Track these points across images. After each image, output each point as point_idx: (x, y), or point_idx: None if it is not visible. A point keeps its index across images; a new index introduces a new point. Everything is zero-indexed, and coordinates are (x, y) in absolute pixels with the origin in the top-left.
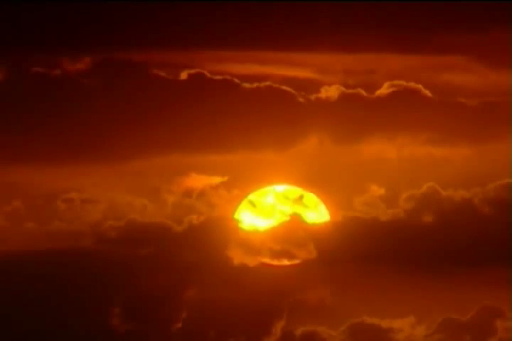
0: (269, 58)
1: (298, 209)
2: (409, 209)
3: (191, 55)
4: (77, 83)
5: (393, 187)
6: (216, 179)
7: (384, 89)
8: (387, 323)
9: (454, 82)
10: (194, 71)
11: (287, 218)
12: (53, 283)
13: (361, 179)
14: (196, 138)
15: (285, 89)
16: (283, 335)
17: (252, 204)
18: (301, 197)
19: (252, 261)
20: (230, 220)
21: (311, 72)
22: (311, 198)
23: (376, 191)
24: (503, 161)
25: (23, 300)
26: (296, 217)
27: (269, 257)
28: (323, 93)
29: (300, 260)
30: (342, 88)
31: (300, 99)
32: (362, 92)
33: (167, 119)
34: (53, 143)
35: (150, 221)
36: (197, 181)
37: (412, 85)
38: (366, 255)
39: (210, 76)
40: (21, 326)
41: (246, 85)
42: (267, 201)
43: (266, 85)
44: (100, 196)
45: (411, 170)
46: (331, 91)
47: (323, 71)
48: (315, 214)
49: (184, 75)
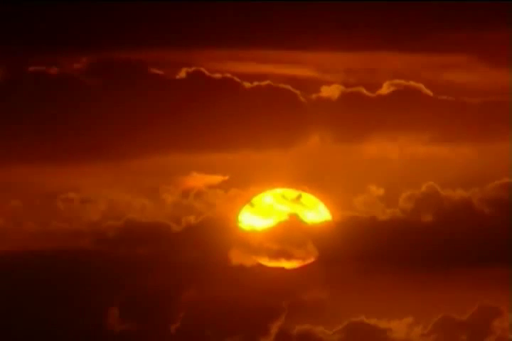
0: (269, 57)
1: (296, 209)
2: (408, 208)
3: (191, 54)
4: (75, 82)
5: (393, 186)
6: (215, 178)
7: (385, 88)
8: (385, 322)
9: (455, 81)
10: (194, 70)
11: (286, 218)
12: (52, 283)
13: (361, 178)
14: (196, 137)
15: (285, 88)
16: (280, 335)
17: (251, 204)
18: (299, 197)
19: (251, 261)
20: (230, 220)
21: (312, 71)
22: (310, 198)
23: (376, 191)
24: (504, 160)
25: (22, 299)
26: (294, 217)
27: (267, 257)
28: (323, 92)
29: (298, 260)
30: (343, 87)
31: (300, 98)
32: (363, 91)
33: (167, 118)
34: (52, 142)
35: (149, 221)
36: (197, 181)
37: (413, 84)
38: (365, 255)
39: (210, 75)
40: (20, 326)
41: (246, 84)
42: (266, 201)
43: (266, 84)
44: (99, 196)
45: (411, 170)
46: (332, 90)
47: (323, 70)
48: (313, 213)
49: (184, 74)
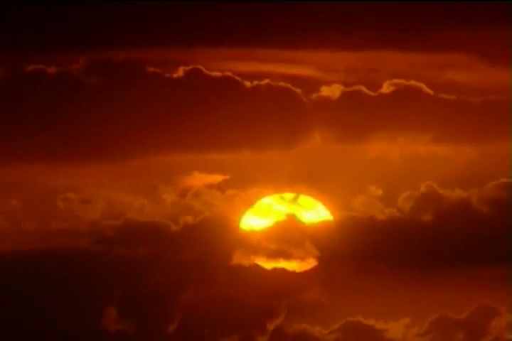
0: (270, 56)
1: (294, 208)
2: (407, 208)
3: (192, 53)
4: (74, 82)
5: (392, 186)
6: (216, 178)
7: (385, 87)
8: (382, 322)
9: (456, 80)
10: (194, 69)
11: (284, 218)
12: (51, 283)
13: (360, 178)
14: (196, 136)
15: (285, 87)
16: (278, 334)
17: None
18: (296, 197)
19: (249, 261)
20: (229, 220)
21: (312, 70)
22: (308, 198)
23: (375, 190)
24: (503, 160)
25: (21, 299)
26: (292, 217)
27: (265, 257)
28: (324, 91)
29: (297, 260)
30: (343, 86)
31: (300, 98)
32: (363, 90)
33: (167, 118)
34: (51, 142)
35: (148, 220)
36: (196, 180)
37: (414, 83)
38: (364, 254)
39: (210, 74)
40: (18, 325)
41: (247, 83)
42: (264, 201)
43: (266, 83)
44: (99, 195)
45: (411, 169)
46: (332, 89)
47: (324, 69)
48: (312, 213)
49: (185, 73)
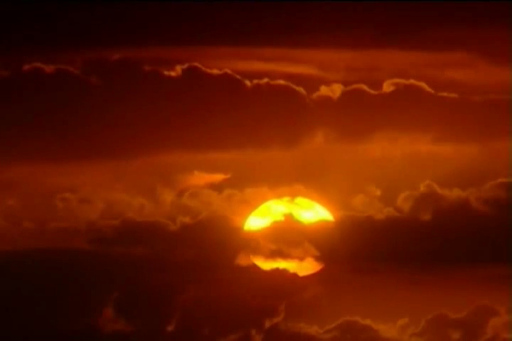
0: (271, 55)
1: (293, 208)
2: (406, 207)
3: (193, 53)
4: (72, 80)
5: (391, 185)
6: (216, 177)
7: (386, 86)
8: (380, 321)
9: (457, 79)
10: (195, 69)
11: (282, 217)
12: (49, 282)
13: (360, 178)
14: (196, 135)
15: (286, 86)
16: (276, 333)
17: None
18: (295, 197)
19: (247, 261)
20: (229, 220)
21: (313, 69)
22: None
23: (374, 190)
24: (503, 159)
25: (19, 298)
26: (291, 217)
27: (264, 257)
28: (324, 90)
29: (295, 259)
30: (344, 85)
31: (301, 97)
32: (364, 89)
33: (165, 117)
34: (50, 142)
35: (147, 220)
36: (196, 180)
37: (415, 82)
38: (363, 254)
39: (211, 72)
40: (17, 324)
41: (247, 82)
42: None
43: (266, 82)
44: (97, 195)
45: (411, 169)
46: (333, 88)
47: (325, 68)
48: (311, 213)
49: (185, 73)
